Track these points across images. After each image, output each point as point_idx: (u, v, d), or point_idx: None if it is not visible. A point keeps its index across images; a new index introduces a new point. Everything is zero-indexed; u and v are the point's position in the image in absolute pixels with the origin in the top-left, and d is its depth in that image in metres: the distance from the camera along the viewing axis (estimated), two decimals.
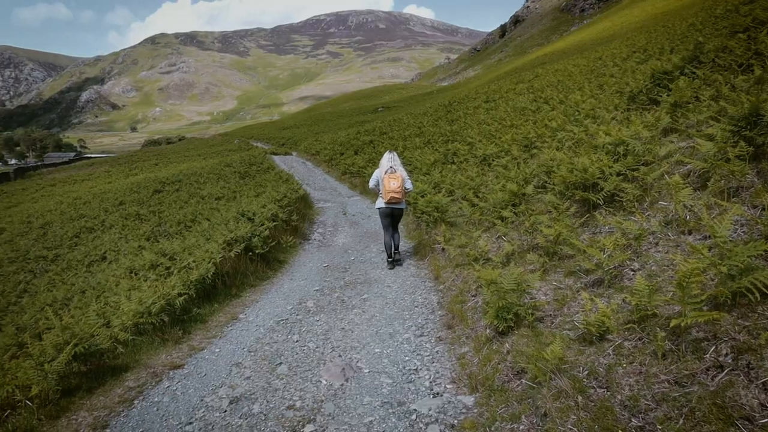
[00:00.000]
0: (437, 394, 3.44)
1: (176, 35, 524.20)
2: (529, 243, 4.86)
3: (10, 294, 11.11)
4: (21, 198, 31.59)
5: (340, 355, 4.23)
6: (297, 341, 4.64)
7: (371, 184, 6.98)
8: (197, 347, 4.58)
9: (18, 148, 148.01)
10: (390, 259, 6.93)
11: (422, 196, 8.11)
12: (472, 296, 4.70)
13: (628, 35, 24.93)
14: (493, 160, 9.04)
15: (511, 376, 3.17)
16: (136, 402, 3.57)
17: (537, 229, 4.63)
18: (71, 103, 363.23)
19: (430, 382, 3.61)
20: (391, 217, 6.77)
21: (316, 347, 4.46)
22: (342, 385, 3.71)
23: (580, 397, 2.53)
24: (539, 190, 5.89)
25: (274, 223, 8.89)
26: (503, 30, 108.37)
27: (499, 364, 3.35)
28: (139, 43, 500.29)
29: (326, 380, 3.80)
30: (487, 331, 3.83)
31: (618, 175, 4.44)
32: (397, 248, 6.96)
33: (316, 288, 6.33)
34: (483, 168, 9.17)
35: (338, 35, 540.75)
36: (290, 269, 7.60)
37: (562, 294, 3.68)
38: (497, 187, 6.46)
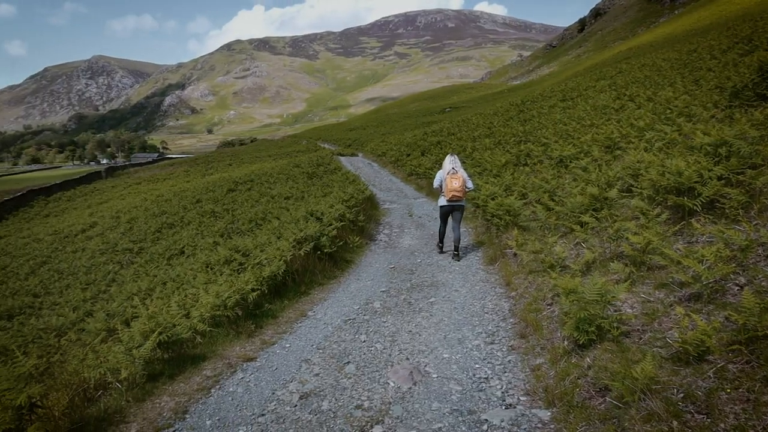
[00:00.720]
0: (510, 405, 3.27)
1: (250, 41, 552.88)
2: (612, 251, 4.53)
3: (100, 282, 12.10)
4: (111, 195, 34.59)
5: (407, 358, 4.18)
6: (364, 341, 4.64)
7: (435, 184, 7.59)
8: (268, 341, 4.72)
9: (109, 149, 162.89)
10: (440, 244, 8.03)
11: (492, 199, 7.87)
12: (548, 305, 4.45)
13: (729, 24, 22.69)
14: (570, 162, 8.59)
15: (593, 392, 2.95)
16: (212, 391, 3.73)
17: (622, 237, 4.30)
18: (155, 108, 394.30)
19: (502, 393, 3.45)
20: (452, 213, 7.45)
21: (384, 348, 4.44)
22: (410, 388, 3.65)
23: (675, 422, 2.31)
24: (624, 194, 5.48)
25: (342, 223, 9.00)
26: (582, 24, 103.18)
27: (578, 378, 3.13)
28: (216, 50, 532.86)
29: (394, 382, 3.76)
30: (565, 342, 3.60)
31: (719, 179, 4.01)
32: (458, 243, 7.48)
33: (383, 289, 6.33)
34: (559, 170, 8.75)
35: (406, 36, 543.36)
36: (357, 269, 7.66)
37: (651, 308, 3.38)
38: (575, 191, 6.11)
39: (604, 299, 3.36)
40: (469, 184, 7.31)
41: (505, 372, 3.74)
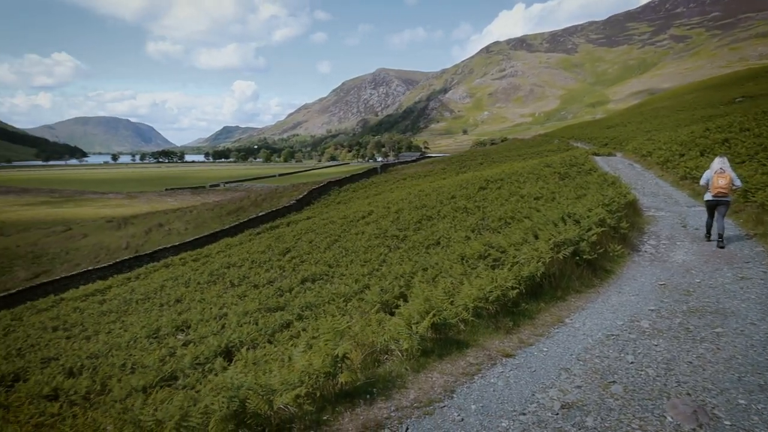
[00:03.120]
0: None
1: (508, 41, 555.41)
2: None
3: (374, 262, 14.30)
4: (383, 188, 40.40)
5: (688, 394, 3.59)
6: (632, 362, 4.20)
7: (702, 182, 8.80)
8: (526, 341, 4.74)
9: (383, 148, 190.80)
10: (707, 234, 8.75)
11: None
12: None
13: None
14: None
15: None
16: (475, 378, 3.99)
17: None
18: (421, 112, 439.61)
19: None
20: (716, 208, 8.34)
21: (657, 375, 3.93)
22: (693, 430, 3.12)
23: None
24: None
25: (602, 229, 8.24)
26: None
27: None
28: (476, 54, 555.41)
29: (672, 418, 3.28)
30: None
31: None
32: (722, 232, 8.17)
33: (651, 308, 5.60)
34: None
35: (687, 15, 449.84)
36: (617, 281, 6.96)
37: None
38: None
39: None
40: (737, 183, 8.28)
41: None
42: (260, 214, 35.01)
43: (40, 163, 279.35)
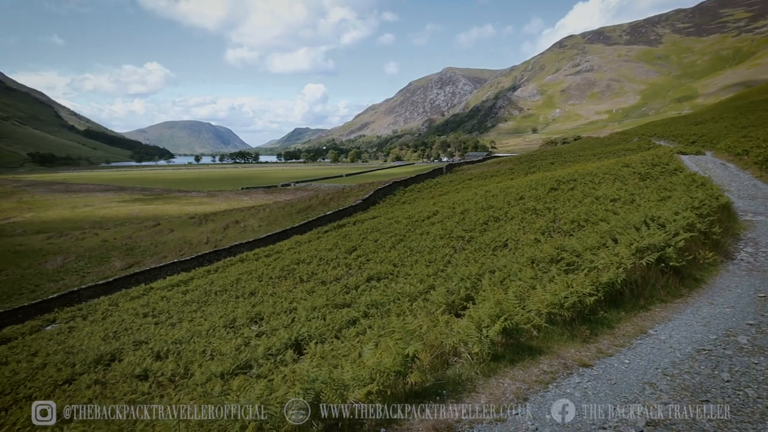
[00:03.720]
0: None
1: (583, 35, 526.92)
2: None
3: (439, 262, 14.19)
4: (448, 188, 39.99)
5: None
6: (728, 381, 3.83)
7: None
8: (605, 352, 4.47)
9: (449, 148, 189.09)
10: None
11: None
12: None
13: None
14: None
15: None
16: (550, 387, 3.82)
17: None
18: (488, 110, 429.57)
19: None
20: None
21: (758, 396, 3.56)
22: None
23: None
24: None
25: (690, 234, 7.59)
26: None
27: None
28: (548, 49, 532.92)
29: None
30: None
31: None
32: None
33: (750, 321, 5.08)
34: None
35: None
36: (708, 291, 6.37)
37: None
38: None
39: None
40: None
41: None
42: (328, 213, 36.02)
43: (133, 163, 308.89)
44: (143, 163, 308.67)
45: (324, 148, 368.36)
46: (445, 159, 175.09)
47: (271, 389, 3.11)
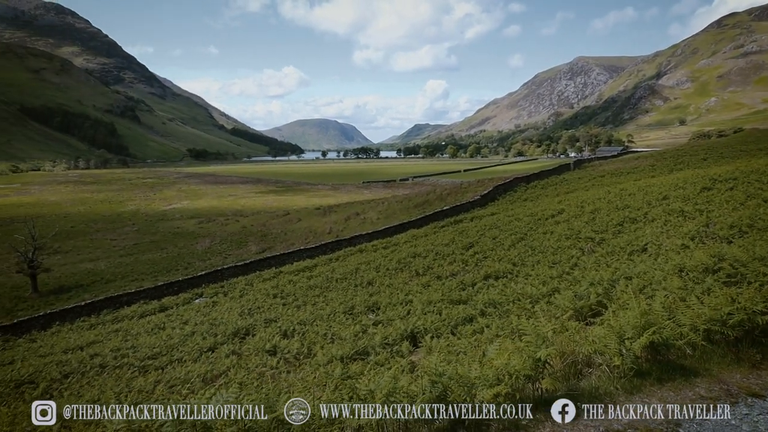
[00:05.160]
0: None
1: (749, 11, 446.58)
2: None
3: (564, 264, 13.21)
4: (576, 186, 37.06)
5: None
6: None
7: None
8: None
9: (578, 143, 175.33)
10: None
11: None
12: None
13: None
14: None
15: None
16: (709, 415, 3.24)
17: None
18: (625, 101, 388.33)
19: None
20: None
21: None
22: None
23: None
24: None
25: None
26: None
27: None
28: (702, 30, 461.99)
29: None
30: None
31: None
32: None
33: None
34: None
35: None
36: None
37: None
38: None
39: None
40: None
41: None
42: (445, 208, 35.86)
43: (269, 158, 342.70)
44: (277, 158, 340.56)
45: (443, 143, 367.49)
46: (572, 154, 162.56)
47: (396, 378, 3.11)
